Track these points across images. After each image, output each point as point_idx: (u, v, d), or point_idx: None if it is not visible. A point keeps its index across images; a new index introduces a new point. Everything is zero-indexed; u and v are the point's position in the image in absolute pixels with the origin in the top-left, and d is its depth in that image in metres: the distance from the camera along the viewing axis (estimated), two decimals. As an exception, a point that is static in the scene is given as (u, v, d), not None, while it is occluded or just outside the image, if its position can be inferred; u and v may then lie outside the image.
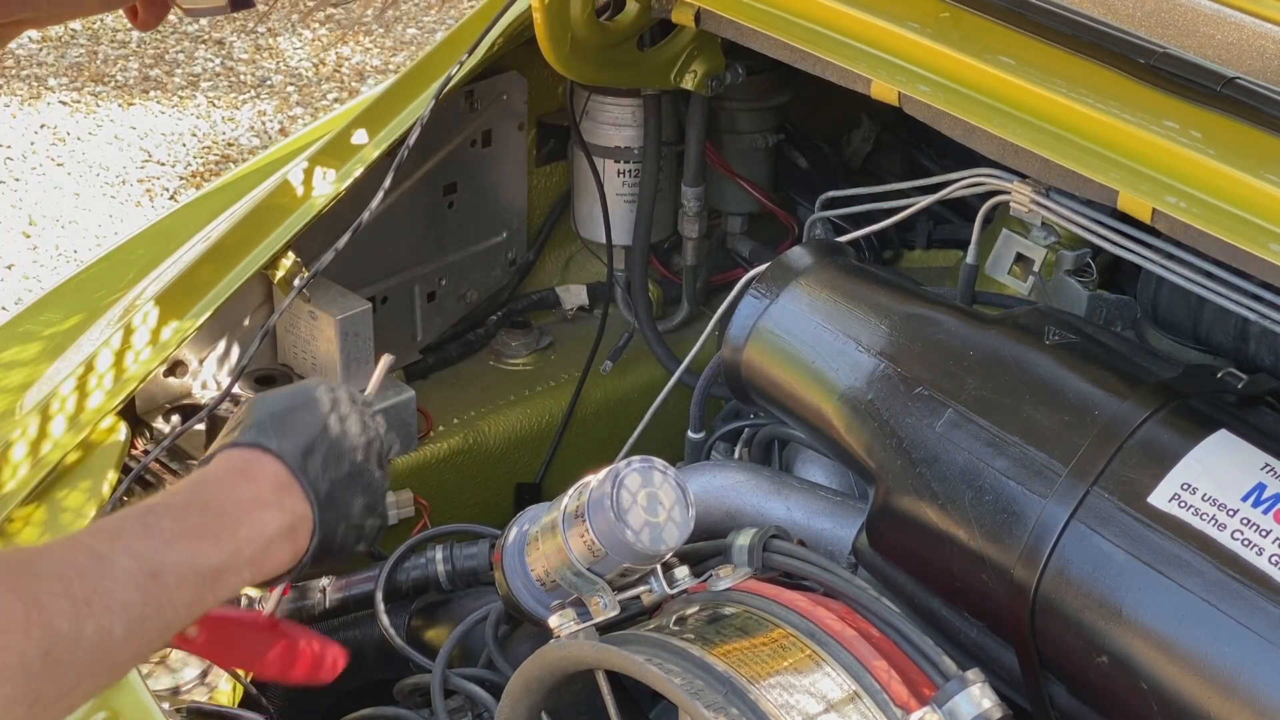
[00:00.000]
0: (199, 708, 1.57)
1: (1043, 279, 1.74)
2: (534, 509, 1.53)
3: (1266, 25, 1.53)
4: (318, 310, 1.89)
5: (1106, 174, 1.45)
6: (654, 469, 1.41)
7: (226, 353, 1.90)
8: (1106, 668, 1.31)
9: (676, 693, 1.23)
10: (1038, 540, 1.35)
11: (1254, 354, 1.54)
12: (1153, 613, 1.29)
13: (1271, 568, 1.25)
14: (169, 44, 5.36)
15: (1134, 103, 1.46)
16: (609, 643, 1.32)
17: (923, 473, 1.44)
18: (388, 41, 5.45)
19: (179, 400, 1.86)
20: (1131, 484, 1.33)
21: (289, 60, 5.30)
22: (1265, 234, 1.34)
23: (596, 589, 1.41)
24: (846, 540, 1.59)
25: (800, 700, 1.25)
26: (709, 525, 1.61)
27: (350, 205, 1.84)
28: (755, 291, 1.64)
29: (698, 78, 1.96)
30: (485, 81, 2.03)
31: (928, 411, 1.46)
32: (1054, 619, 1.35)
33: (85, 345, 1.79)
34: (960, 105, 1.55)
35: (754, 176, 2.17)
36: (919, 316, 1.56)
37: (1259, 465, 1.32)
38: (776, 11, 1.70)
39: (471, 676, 1.64)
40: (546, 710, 1.39)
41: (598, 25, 1.85)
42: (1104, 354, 1.48)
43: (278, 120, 4.94)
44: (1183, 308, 1.60)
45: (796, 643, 1.30)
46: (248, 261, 1.83)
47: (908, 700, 1.26)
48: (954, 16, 1.60)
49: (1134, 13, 1.54)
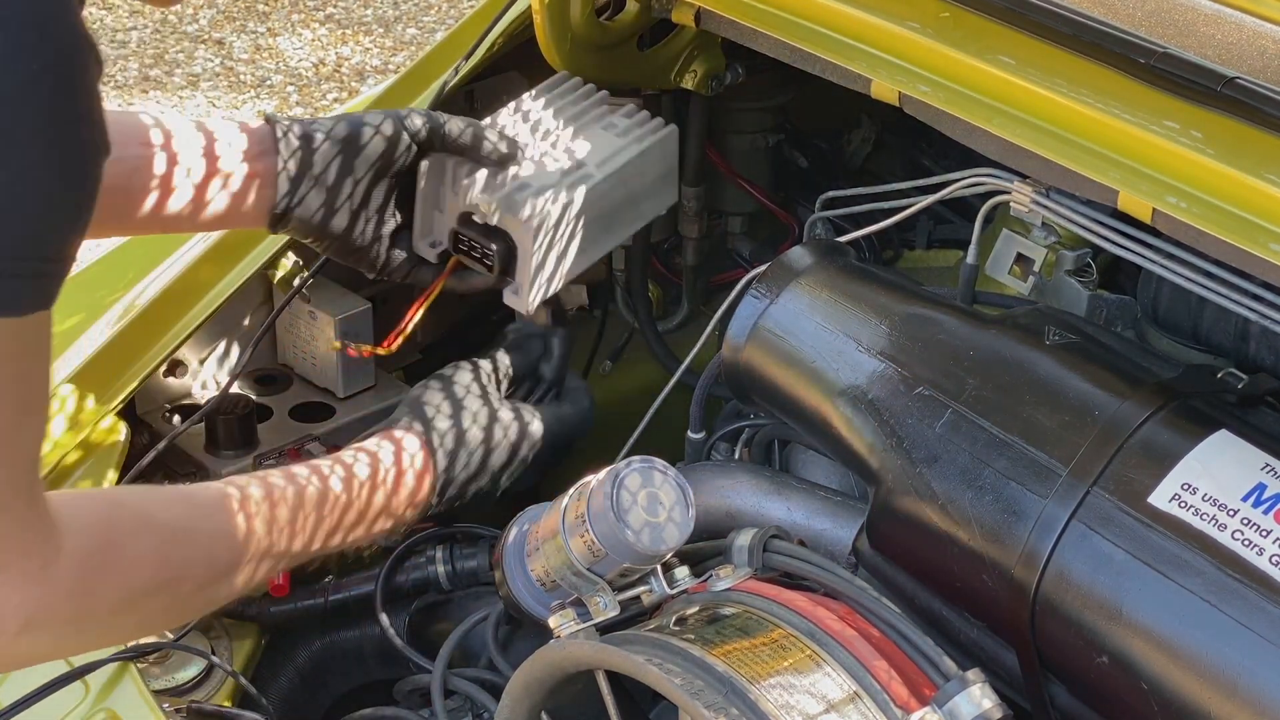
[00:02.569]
0: (199, 708, 1.57)
1: (1043, 279, 1.74)
2: (534, 509, 1.53)
3: (1266, 25, 1.53)
4: (317, 310, 1.89)
5: (1106, 174, 1.45)
6: (654, 469, 1.41)
7: (226, 353, 1.90)
8: (1106, 668, 1.31)
9: (676, 693, 1.23)
10: (1038, 540, 1.35)
11: (1254, 354, 1.54)
12: (1153, 613, 1.29)
13: (1272, 568, 1.25)
14: (169, 44, 5.36)
15: (1134, 103, 1.46)
16: (609, 643, 1.32)
17: (923, 473, 1.44)
18: (388, 41, 5.45)
19: (179, 400, 1.86)
20: (1132, 484, 1.33)
21: (289, 60, 5.30)
22: (1265, 234, 1.34)
23: (596, 589, 1.41)
24: (846, 540, 1.59)
25: (800, 700, 1.25)
26: (709, 525, 1.61)
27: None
28: (755, 291, 1.64)
29: (698, 78, 1.96)
30: (485, 81, 2.03)
31: (928, 411, 1.46)
32: (1054, 619, 1.35)
33: (85, 345, 1.79)
34: (960, 105, 1.55)
35: (754, 176, 2.16)
36: (919, 316, 1.56)
37: (1259, 465, 1.32)
38: (776, 11, 1.70)
39: (471, 677, 1.64)
40: (546, 710, 1.39)
41: (598, 25, 1.85)
42: (1104, 354, 1.48)
43: (277, 120, 4.94)
44: (1183, 308, 1.60)
45: (796, 643, 1.31)
46: (248, 261, 1.83)
47: (908, 700, 1.26)
48: (954, 16, 1.60)
49: (1134, 13, 1.54)
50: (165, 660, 1.61)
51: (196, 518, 1.32)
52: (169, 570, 1.27)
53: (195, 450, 1.80)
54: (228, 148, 1.54)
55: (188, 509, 1.32)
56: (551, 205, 1.62)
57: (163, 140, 1.52)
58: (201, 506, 1.33)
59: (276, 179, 1.55)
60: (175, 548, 1.28)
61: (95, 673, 1.49)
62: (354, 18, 5.59)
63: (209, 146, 1.53)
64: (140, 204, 1.51)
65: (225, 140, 1.54)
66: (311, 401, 1.91)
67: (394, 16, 5.61)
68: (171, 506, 1.32)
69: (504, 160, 1.64)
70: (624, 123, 1.77)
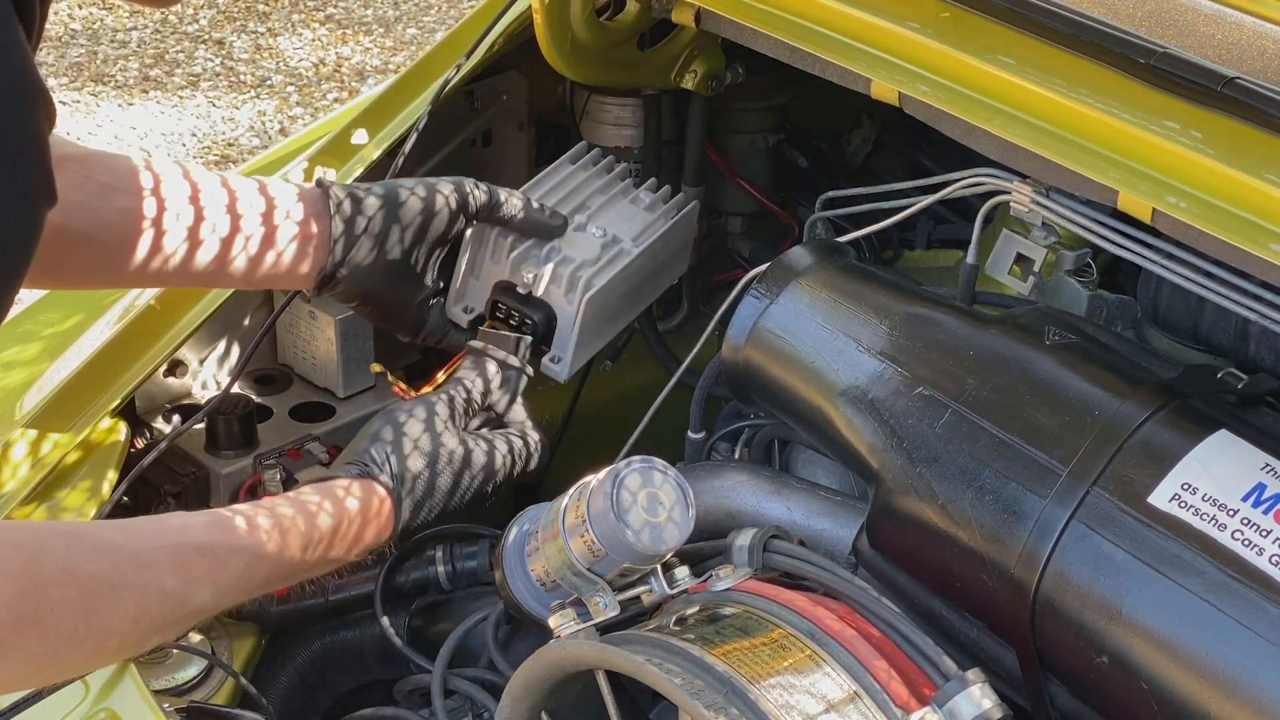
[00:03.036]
0: (199, 708, 1.57)
1: (1043, 279, 1.74)
2: (534, 509, 1.53)
3: (1266, 25, 1.53)
4: (317, 310, 1.89)
5: (1106, 174, 1.45)
6: (654, 469, 1.41)
7: (226, 353, 1.90)
8: (1106, 668, 1.31)
9: (676, 693, 1.23)
10: (1038, 540, 1.35)
11: (1254, 354, 1.54)
12: (1153, 613, 1.29)
13: (1272, 568, 1.25)
14: (169, 44, 5.36)
15: (1134, 103, 1.46)
16: (609, 643, 1.32)
17: (923, 473, 1.44)
18: (388, 41, 5.45)
19: (179, 400, 1.86)
20: (1131, 484, 1.33)
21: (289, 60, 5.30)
22: (1265, 234, 1.34)
23: (597, 589, 1.41)
24: (846, 540, 1.59)
25: (800, 700, 1.25)
26: (709, 525, 1.61)
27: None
28: (755, 291, 1.64)
29: (698, 78, 1.96)
30: (485, 81, 2.03)
31: (928, 411, 1.46)
32: (1054, 619, 1.35)
33: (85, 345, 1.79)
34: (960, 105, 1.55)
35: (754, 176, 2.17)
36: (919, 316, 1.56)
37: (1259, 465, 1.32)
38: (776, 11, 1.70)
39: (471, 677, 1.64)
40: (546, 710, 1.39)
41: (598, 25, 1.85)
42: (1104, 354, 1.48)
43: (278, 120, 4.94)
44: (1183, 308, 1.60)
45: (796, 643, 1.31)
46: (248, 261, 1.83)
47: (908, 700, 1.26)
48: (954, 16, 1.60)
49: (1134, 13, 1.53)
50: (165, 660, 1.61)
51: (127, 571, 1.24)
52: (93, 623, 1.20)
53: (195, 450, 1.80)
54: (284, 214, 1.58)
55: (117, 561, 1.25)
56: (594, 279, 1.70)
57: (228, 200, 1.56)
58: (135, 558, 1.26)
59: (329, 244, 1.59)
60: (99, 601, 1.20)
61: (95, 673, 1.49)
62: (354, 18, 5.59)
63: (268, 210, 1.58)
64: (192, 260, 1.56)
65: (283, 205, 1.59)
66: (311, 401, 1.92)
67: (394, 16, 5.61)
68: (100, 556, 1.23)
69: (551, 234, 1.71)
70: (649, 197, 1.85)
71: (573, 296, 1.69)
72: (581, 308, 1.68)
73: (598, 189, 1.83)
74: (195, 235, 1.54)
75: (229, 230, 1.56)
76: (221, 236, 1.56)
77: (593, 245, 1.73)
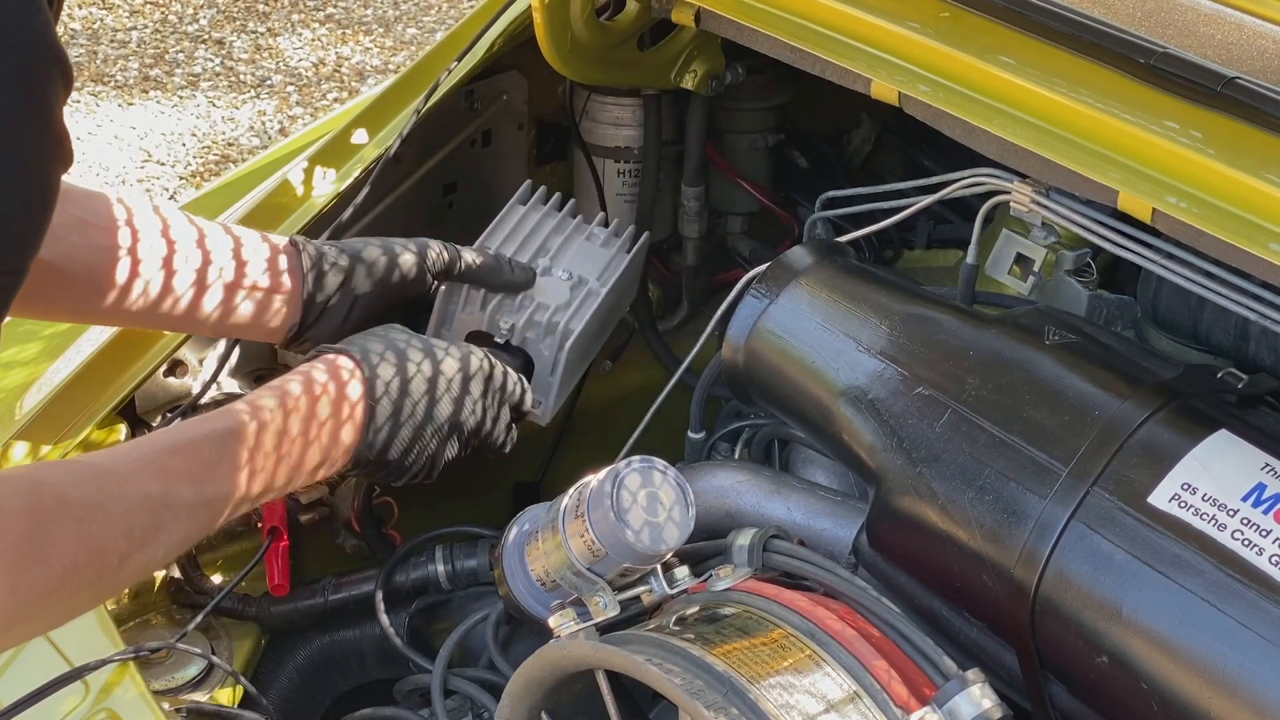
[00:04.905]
0: (199, 708, 1.57)
1: (1043, 279, 1.74)
2: (534, 509, 1.53)
3: (1266, 25, 1.53)
4: (317, 310, 1.88)
5: (1106, 174, 1.45)
6: (654, 469, 1.41)
7: (227, 353, 1.90)
8: (1106, 668, 1.31)
9: (676, 693, 1.23)
10: (1038, 540, 1.35)
11: (1254, 354, 1.54)
12: (1153, 613, 1.29)
13: (1272, 568, 1.25)
14: (169, 44, 5.36)
15: (1134, 103, 1.46)
16: (609, 643, 1.32)
17: (923, 473, 1.44)
18: (388, 41, 5.45)
19: (179, 400, 1.86)
20: (1131, 484, 1.33)
21: (289, 60, 5.30)
22: (1265, 234, 1.34)
23: (596, 589, 1.41)
24: (846, 540, 1.59)
25: (800, 700, 1.25)
26: (709, 525, 1.61)
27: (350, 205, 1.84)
28: (755, 291, 1.65)
29: (698, 78, 1.96)
30: (485, 81, 2.03)
31: (928, 411, 1.46)
32: (1054, 619, 1.35)
33: (85, 345, 1.79)
34: (960, 105, 1.55)
35: (754, 176, 2.17)
36: (919, 316, 1.56)
37: (1259, 465, 1.32)
38: (776, 11, 1.70)
39: (471, 677, 1.64)
40: (546, 710, 1.39)
41: (598, 25, 1.85)
42: (1104, 354, 1.48)
43: (278, 120, 4.95)
44: (1183, 308, 1.60)
45: (796, 643, 1.31)
46: (248, 261, 1.83)
47: (908, 700, 1.26)
48: (954, 16, 1.60)
49: (1134, 13, 1.53)
50: (165, 660, 1.61)
51: (109, 489, 1.27)
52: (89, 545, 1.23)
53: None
54: (258, 270, 1.59)
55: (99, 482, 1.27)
56: (571, 324, 1.72)
57: (201, 258, 1.57)
58: (115, 474, 1.29)
59: (299, 303, 1.60)
60: (93, 525, 1.23)
61: (95, 673, 1.49)
62: (354, 18, 5.59)
63: (238, 266, 1.58)
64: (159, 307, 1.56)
65: (255, 263, 1.59)
66: (311, 401, 1.91)
67: (394, 16, 5.61)
68: (84, 482, 1.26)
69: (521, 290, 1.72)
70: (602, 233, 1.86)
71: (552, 341, 1.71)
72: (565, 353, 1.70)
73: (553, 229, 1.83)
74: (168, 285, 1.55)
75: (201, 284, 1.57)
76: (193, 289, 1.57)
77: (562, 289, 1.75)
